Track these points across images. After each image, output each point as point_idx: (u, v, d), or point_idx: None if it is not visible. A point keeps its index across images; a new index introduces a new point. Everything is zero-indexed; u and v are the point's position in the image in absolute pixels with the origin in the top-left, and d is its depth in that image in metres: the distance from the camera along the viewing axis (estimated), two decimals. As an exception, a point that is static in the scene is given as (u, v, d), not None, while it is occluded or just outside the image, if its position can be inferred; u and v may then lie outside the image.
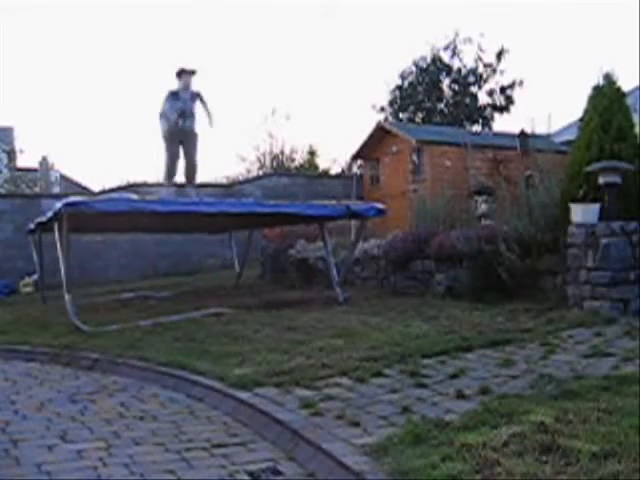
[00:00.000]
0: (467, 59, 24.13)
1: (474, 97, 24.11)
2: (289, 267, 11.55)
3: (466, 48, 24.06)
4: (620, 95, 7.24)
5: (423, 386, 4.33)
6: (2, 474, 3.36)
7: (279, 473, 3.30)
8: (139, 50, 44.99)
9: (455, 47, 24.06)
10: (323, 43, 42.39)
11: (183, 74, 10.92)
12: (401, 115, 24.04)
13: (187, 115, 10.81)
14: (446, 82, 24.14)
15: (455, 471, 2.81)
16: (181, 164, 11.19)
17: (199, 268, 14.91)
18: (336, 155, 29.32)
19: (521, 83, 23.84)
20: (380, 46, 38.79)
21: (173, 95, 10.79)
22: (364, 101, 42.85)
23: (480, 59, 23.98)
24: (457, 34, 23.96)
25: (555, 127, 16.88)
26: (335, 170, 23.48)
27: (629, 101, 7.49)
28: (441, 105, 24.11)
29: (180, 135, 10.81)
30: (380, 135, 16.42)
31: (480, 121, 23.92)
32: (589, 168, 6.77)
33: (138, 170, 37.91)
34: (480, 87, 24.20)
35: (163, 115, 10.71)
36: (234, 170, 24.36)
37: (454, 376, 4.51)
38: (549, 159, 8.88)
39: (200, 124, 11.13)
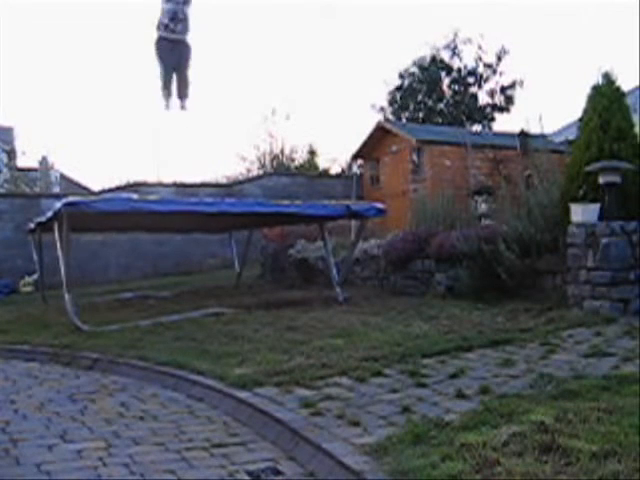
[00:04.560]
0: (467, 59, 24.18)
1: (474, 97, 24.12)
2: (289, 267, 11.56)
3: (466, 48, 24.11)
4: (619, 95, 7.24)
5: (423, 386, 4.33)
6: (2, 474, 3.36)
7: (279, 473, 3.30)
8: (139, 49, 44.96)
9: (455, 47, 24.08)
10: (323, 42, 42.43)
11: None
12: (401, 115, 24.05)
13: (179, 18, 10.34)
14: (446, 82, 24.16)
15: (455, 471, 2.81)
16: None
17: (199, 268, 14.91)
18: (336, 155, 29.30)
19: (521, 83, 23.87)
20: (380, 46, 38.83)
21: None
22: (364, 101, 42.82)
23: (480, 59, 24.01)
24: (457, 34, 24.00)
25: (553, 127, 16.90)
26: (335, 170, 23.49)
27: (629, 101, 7.49)
28: (441, 105, 24.12)
29: (172, 44, 10.34)
30: (380, 135, 16.42)
31: (480, 121, 23.94)
32: (589, 168, 6.77)
33: (138, 170, 37.89)
34: (480, 87, 24.21)
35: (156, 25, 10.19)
36: (234, 170, 24.38)
37: (454, 376, 4.51)
38: (549, 159, 8.87)
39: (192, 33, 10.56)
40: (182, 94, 10.68)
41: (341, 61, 41.65)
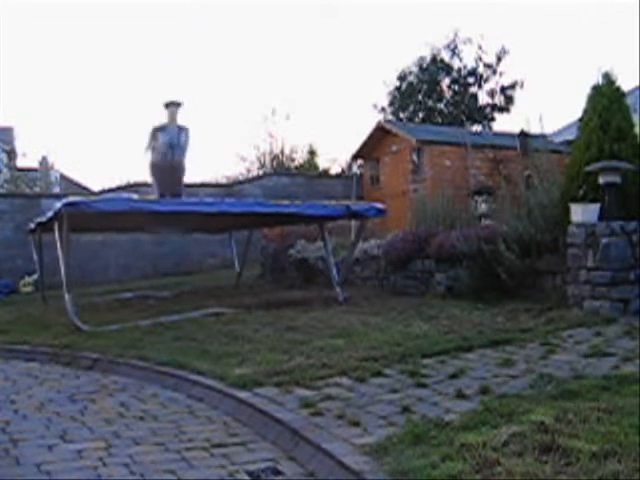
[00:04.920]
0: (467, 59, 24.20)
1: (474, 97, 24.13)
2: (289, 267, 11.56)
3: (466, 48, 24.12)
4: (619, 95, 7.23)
5: (423, 386, 4.33)
6: (2, 474, 3.36)
7: (279, 473, 3.30)
8: (140, 49, 45.02)
9: (455, 47, 24.09)
10: (323, 42, 42.45)
11: (170, 105, 10.90)
12: (401, 115, 24.06)
13: (175, 147, 10.69)
14: (446, 82, 24.16)
15: (455, 471, 2.80)
16: None
17: (199, 268, 14.91)
18: (336, 155, 29.36)
19: (521, 84, 23.88)
20: (380, 46, 38.84)
21: (160, 129, 10.74)
22: (364, 101, 42.91)
23: (480, 59, 24.01)
24: (457, 34, 24.01)
25: (553, 127, 16.90)
26: (335, 170, 23.51)
27: (629, 101, 7.48)
28: (441, 105, 24.13)
29: (169, 169, 10.71)
30: (380, 135, 16.42)
31: (480, 121, 23.95)
32: (589, 168, 6.77)
33: (138, 170, 37.92)
34: (480, 87, 24.22)
35: (151, 148, 10.57)
36: (234, 170, 24.41)
37: (454, 376, 4.51)
38: (549, 159, 8.87)
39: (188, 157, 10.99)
40: None
41: (341, 61, 41.71)
